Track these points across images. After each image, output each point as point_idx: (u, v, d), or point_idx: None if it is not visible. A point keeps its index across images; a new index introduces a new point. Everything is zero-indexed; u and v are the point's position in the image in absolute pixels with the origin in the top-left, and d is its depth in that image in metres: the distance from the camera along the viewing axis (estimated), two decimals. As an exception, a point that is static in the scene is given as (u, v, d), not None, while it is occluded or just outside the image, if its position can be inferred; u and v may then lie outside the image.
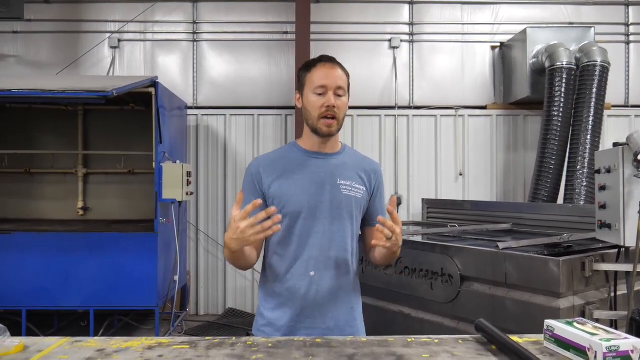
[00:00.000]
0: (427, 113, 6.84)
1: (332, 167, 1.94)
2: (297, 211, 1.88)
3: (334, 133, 1.91)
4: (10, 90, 4.65)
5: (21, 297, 4.99)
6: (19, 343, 1.48)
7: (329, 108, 1.85)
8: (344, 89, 1.91)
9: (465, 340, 1.58)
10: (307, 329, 1.86)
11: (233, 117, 6.81)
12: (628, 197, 2.88)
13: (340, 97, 1.89)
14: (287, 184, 1.90)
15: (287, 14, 6.78)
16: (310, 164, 1.93)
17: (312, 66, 1.93)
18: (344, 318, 1.94)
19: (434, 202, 6.06)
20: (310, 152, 1.96)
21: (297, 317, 1.89)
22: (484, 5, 6.94)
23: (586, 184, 5.48)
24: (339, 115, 1.88)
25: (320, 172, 1.92)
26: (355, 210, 1.94)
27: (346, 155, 2.01)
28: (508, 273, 3.17)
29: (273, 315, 1.93)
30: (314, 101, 1.88)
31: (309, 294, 1.89)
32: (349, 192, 1.92)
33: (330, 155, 1.97)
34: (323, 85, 1.86)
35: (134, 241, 5.10)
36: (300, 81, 1.96)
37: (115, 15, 6.83)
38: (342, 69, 1.93)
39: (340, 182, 1.92)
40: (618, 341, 1.32)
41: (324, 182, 1.91)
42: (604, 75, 5.74)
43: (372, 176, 2.01)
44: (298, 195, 1.88)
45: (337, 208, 1.90)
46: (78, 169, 6.58)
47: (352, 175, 1.96)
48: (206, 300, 6.71)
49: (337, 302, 1.92)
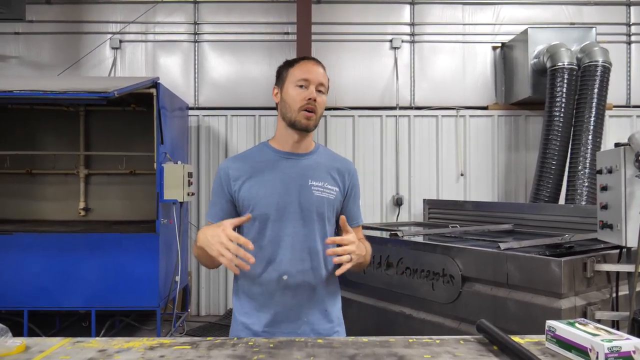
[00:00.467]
0: (428, 113, 6.84)
1: (304, 167, 1.91)
2: (266, 213, 1.85)
3: (311, 127, 1.88)
4: (12, 91, 4.66)
5: (23, 297, 5.00)
6: (20, 343, 1.48)
7: (309, 101, 1.83)
8: (325, 87, 1.90)
9: (466, 340, 1.58)
10: (282, 334, 1.81)
11: (234, 118, 6.81)
12: (629, 197, 2.88)
13: (321, 94, 1.88)
14: (257, 186, 1.86)
15: (287, 15, 6.78)
16: (281, 164, 1.90)
17: (295, 62, 1.92)
18: (319, 321, 1.91)
19: (435, 203, 6.05)
20: (282, 153, 1.93)
21: (272, 321, 1.87)
22: (485, 5, 6.94)
23: (587, 184, 5.48)
24: (318, 110, 1.87)
25: (291, 173, 1.89)
26: (328, 212, 1.91)
27: (319, 155, 1.98)
28: (509, 273, 3.17)
29: (248, 320, 1.90)
30: (295, 94, 1.86)
31: (281, 298, 1.86)
32: (321, 193, 1.89)
33: (302, 155, 1.93)
34: (306, 78, 1.85)
35: (135, 242, 5.10)
36: (280, 76, 1.94)
37: (117, 16, 6.84)
38: (324, 70, 1.93)
39: (312, 183, 1.88)
40: (620, 342, 1.31)
41: (295, 183, 1.88)
42: (605, 75, 5.74)
43: (346, 176, 1.98)
44: (267, 197, 1.85)
45: (308, 210, 1.86)
46: (79, 170, 6.59)
47: (324, 175, 1.92)
48: (207, 300, 6.71)
49: (311, 306, 1.89)
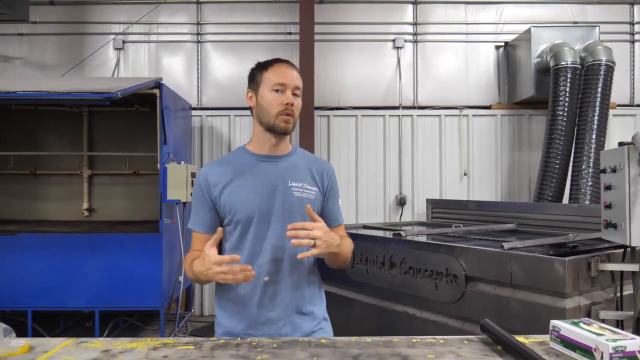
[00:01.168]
0: (431, 113, 6.83)
1: (283, 169, 1.92)
2: (249, 217, 1.86)
3: (290, 130, 1.89)
4: (16, 92, 4.67)
5: (27, 298, 5.01)
6: (24, 344, 1.49)
7: (287, 106, 1.84)
8: (300, 89, 1.91)
9: (470, 340, 1.58)
10: (265, 335, 1.81)
11: (237, 118, 6.81)
12: (634, 196, 2.87)
13: (297, 97, 1.89)
14: (237, 190, 1.87)
15: (290, 15, 6.78)
16: (260, 167, 1.91)
17: (269, 65, 1.92)
18: (301, 320, 1.90)
19: (438, 202, 6.05)
20: (260, 156, 1.94)
21: (254, 323, 1.87)
22: (488, 4, 6.92)
23: (591, 183, 5.46)
24: (295, 114, 1.88)
25: (271, 175, 1.90)
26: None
27: (297, 156, 1.99)
28: (513, 273, 3.16)
29: (230, 323, 1.90)
30: (271, 98, 1.86)
31: (263, 299, 1.86)
32: (301, 193, 1.90)
33: (280, 157, 1.95)
34: (282, 83, 1.86)
35: (138, 242, 5.11)
36: (254, 79, 1.94)
37: (120, 17, 6.85)
38: (298, 72, 1.93)
39: (291, 184, 1.89)
40: (624, 341, 1.31)
41: (275, 185, 1.88)
42: (608, 74, 5.72)
43: (324, 176, 2.00)
44: (249, 200, 1.86)
45: (289, 210, 1.87)
46: (83, 170, 6.59)
47: (303, 176, 1.94)
48: (211, 300, 6.71)
49: (293, 306, 1.89)
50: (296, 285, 1.90)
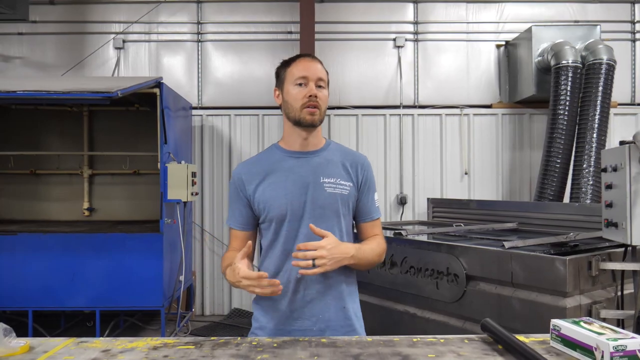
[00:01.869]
0: (432, 112, 6.83)
1: (315, 165, 1.91)
2: (282, 214, 1.87)
3: (317, 123, 1.89)
4: (16, 92, 4.67)
5: (27, 297, 5.01)
6: (24, 344, 1.49)
7: (311, 98, 1.84)
8: (325, 81, 1.91)
9: (471, 340, 1.58)
10: (298, 332, 1.84)
11: (238, 117, 6.81)
12: (635, 195, 2.87)
13: (322, 89, 1.89)
14: (270, 188, 1.89)
15: (291, 14, 6.78)
16: (291, 164, 1.91)
17: (291, 61, 1.94)
18: (336, 319, 1.90)
19: (439, 202, 6.04)
20: (292, 152, 1.94)
21: (287, 319, 1.88)
22: (488, 3, 6.92)
23: (592, 182, 5.45)
24: (321, 105, 1.87)
25: (302, 172, 1.90)
26: (342, 208, 1.91)
27: (330, 151, 1.98)
28: (514, 272, 3.16)
29: (264, 318, 1.92)
30: (295, 93, 1.87)
31: (296, 295, 1.87)
32: (334, 189, 1.89)
33: (312, 153, 1.94)
34: (304, 76, 1.86)
35: (139, 242, 5.11)
36: (279, 77, 1.96)
37: (120, 16, 6.85)
38: (322, 65, 1.94)
39: (323, 180, 1.89)
40: (625, 340, 1.31)
41: (307, 181, 1.88)
42: (609, 73, 5.71)
43: (358, 170, 1.97)
44: (281, 198, 1.87)
45: (321, 207, 1.87)
46: (83, 170, 6.59)
47: (336, 171, 1.92)
48: (212, 300, 6.72)
49: (327, 303, 1.88)
50: (330, 281, 1.89)
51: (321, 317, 1.88)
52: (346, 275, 1.94)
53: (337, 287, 1.90)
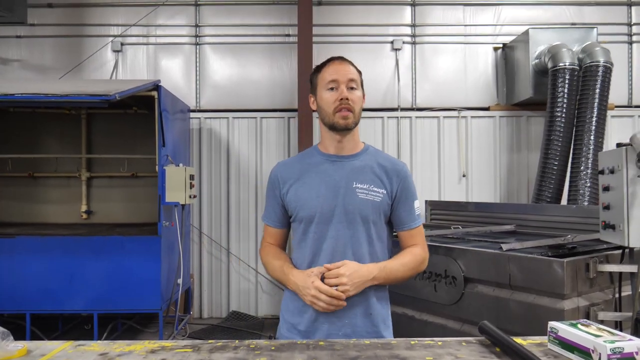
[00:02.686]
0: (430, 114, 6.84)
1: (349, 170, 1.91)
2: (311, 216, 1.88)
3: (351, 126, 1.88)
4: (14, 95, 4.67)
5: (25, 300, 5.00)
6: (22, 347, 1.48)
7: (342, 101, 1.84)
8: (357, 82, 1.90)
9: (468, 342, 1.58)
10: (323, 335, 1.85)
11: (236, 120, 6.82)
12: (632, 197, 2.88)
13: (354, 90, 1.88)
14: (302, 189, 1.90)
15: (289, 17, 6.79)
16: (326, 167, 1.92)
17: (322, 66, 1.94)
18: (362, 324, 1.88)
19: (437, 204, 6.05)
20: (328, 155, 1.95)
21: (314, 322, 1.87)
22: (486, 6, 6.93)
23: (590, 184, 5.46)
24: (354, 108, 1.87)
25: (336, 176, 1.90)
26: (373, 215, 1.88)
27: (367, 156, 1.96)
28: (512, 274, 3.16)
29: (293, 319, 1.93)
30: (327, 97, 1.88)
31: None
32: (366, 195, 1.87)
33: (348, 157, 1.94)
34: (334, 79, 1.87)
35: (137, 244, 5.10)
36: (312, 84, 1.97)
37: (118, 19, 6.86)
38: (353, 66, 1.93)
39: (356, 186, 1.87)
40: (622, 343, 1.31)
41: (339, 186, 1.88)
42: (606, 75, 5.73)
43: (394, 178, 1.93)
44: (312, 199, 1.88)
45: (351, 212, 1.86)
46: (81, 173, 6.59)
47: (371, 177, 1.90)
48: (210, 303, 6.71)
49: (353, 309, 1.86)
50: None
51: (347, 322, 1.86)
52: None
53: (364, 293, 1.87)
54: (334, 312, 1.85)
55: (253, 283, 6.66)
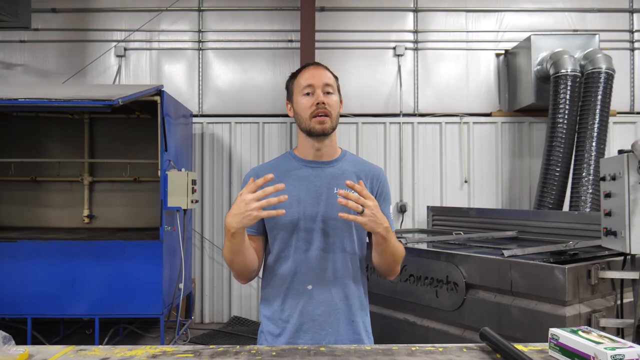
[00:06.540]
0: (432, 120, 6.84)
1: (329, 175, 1.89)
2: (293, 223, 1.84)
3: (328, 131, 1.85)
4: (17, 99, 4.69)
5: (27, 305, 5.00)
6: (23, 352, 1.48)
7: (318, 105, 1.82)
8: (333, 86, 1.88)
9: (469, 348, 1.58)
10: (306, 343, 1.80)
11: (238, 125, 6.83)
12: (633, 204, 2.87)
13: (330, 95, 1.86)
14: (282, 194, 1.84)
15: (292, 22, 6.81)
16: (305, 173, 1.89)
17: (298, 73, 1.93)
18: (345, 332, 1.87)
19: (439, 210, 6.05)
20: (306, 161, 1.92)
21: (296, 332, 1.85)
22: (488, 12, 6.95)
23: (592, 191, 5.46)
24: (331, 112, 1.84)
25: (316, 182, 1.88)
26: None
27: (345, 162, 1.95)
28: (513, 281, 3.16)
29: (274, 329, 1.89)
30: (303, 102, 1.85)
31: (306, 308, 1.84)
32: (347, 201, 1.87)
33: (326, 163, 1.92)
34: (310, 84, 1.85)
35: (139, 249, 5.10)
36: (288, 90, 1.96)
37: (121, 24, 6.89)
38: (329, 71, 1.92)
39: (337, 191, 1.83)
40: (623, 350, 1.31)
41: (320, 192, 1.86)
42: (608, 82, 5.73)
43: (373, 182, 1.94)
44: (293, 207, 1.82)
45: (334, 219, 1.83)
46: (84, 177, 6.60)
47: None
48: (211, 308, 6.71)
49: (336, 316, 1.85)
50: (340, 294, 1.86)
51: (331, 331, 1.85)
52: (356, 288, 1.91)
53: (347, 300, 1.87)
54: (317, 322, 1.83)
55: (255, 288, 6.66)
